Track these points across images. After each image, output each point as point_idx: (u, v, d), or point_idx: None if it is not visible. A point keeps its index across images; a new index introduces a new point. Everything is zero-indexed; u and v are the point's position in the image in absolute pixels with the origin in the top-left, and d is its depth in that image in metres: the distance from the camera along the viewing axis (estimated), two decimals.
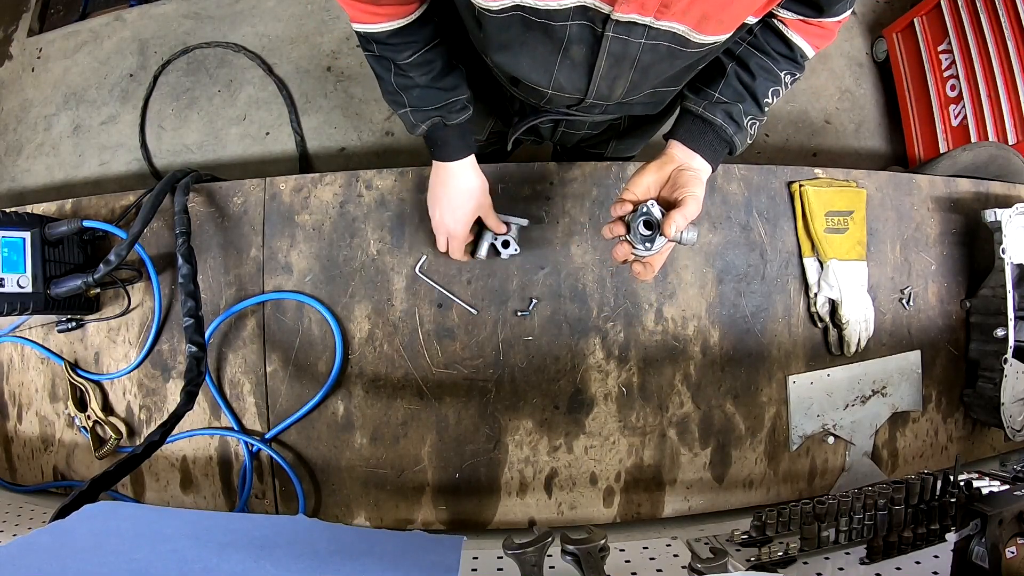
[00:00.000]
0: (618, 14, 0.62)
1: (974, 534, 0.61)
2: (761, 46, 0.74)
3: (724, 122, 0.75)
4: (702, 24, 0.64)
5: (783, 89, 0.77)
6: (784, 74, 0.76)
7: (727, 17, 0.65)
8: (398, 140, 2.11)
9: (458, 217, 0.84)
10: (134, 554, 0.49)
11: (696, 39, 0.65)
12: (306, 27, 2.17)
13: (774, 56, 0.75)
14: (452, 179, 0.83)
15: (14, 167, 2.20)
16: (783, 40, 0.74)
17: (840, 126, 2.22)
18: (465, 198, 0.83)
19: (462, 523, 0.93)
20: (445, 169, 0.82)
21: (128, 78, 2.20)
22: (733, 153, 0.78)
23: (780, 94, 0.77)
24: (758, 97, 0.75)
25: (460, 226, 0.84)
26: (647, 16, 0.62)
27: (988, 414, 0.99)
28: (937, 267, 1.04)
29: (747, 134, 0.77)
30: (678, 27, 0.64)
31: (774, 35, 0.74)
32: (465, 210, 0.84)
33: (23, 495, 0.98)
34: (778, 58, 0.75)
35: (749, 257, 0.96)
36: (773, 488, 0.97)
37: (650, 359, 0.94)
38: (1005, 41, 1.75)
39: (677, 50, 0.67)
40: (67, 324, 0.94)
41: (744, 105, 0.75)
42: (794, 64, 0.76)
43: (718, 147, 0.76)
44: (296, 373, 0.92)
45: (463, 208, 0.83)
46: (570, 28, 0.65)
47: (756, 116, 0.77)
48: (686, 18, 0.63)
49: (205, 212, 0.94)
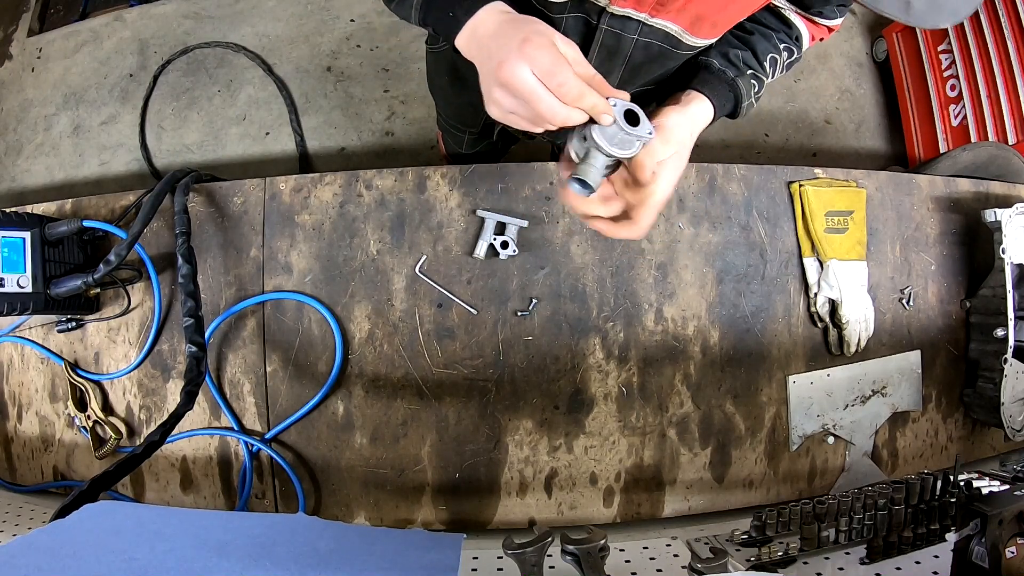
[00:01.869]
0: (614, 7, 0.62)
1: (974, 534, 0.61)
2: (756, 18, 0.73)
3: (722, 64, 0.69)
4: (695, 25, 0.64)
5: (781, 61, 0.74)
6: (782, 46, 0.73)
7: (721, 20, 0.65)
8: (398, 140, 2.11)
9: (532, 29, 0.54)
10: (134, 553, 0.49)
11: (688, 40, 0.66)
12: (306, 27, 2.17)
13: (771, 27, 0.74)
14: (497, 15, 0.58)
15: (14, 167, 2.20)
16: (779, 17, 0.74)
17: (840, 126, 2.22)
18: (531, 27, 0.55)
19: (462, 523, 0.93)
20: (491, 29, 0.57)
21: (128, 78, 2.20)
22: (739, 102, 0.70)
23: (777, 65, 0.74)
24: (756, 51, 0.72)
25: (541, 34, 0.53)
26: (642, 12, 0.62)
27: (988, 414, 0.99)
28: (937, 267, 1.04)
29: (749, 82, 0.71)
30: (671, 27, 0.64)
31: (771, 13, 0.74)
32: (533, 26, 0.55)
33: (23, 495, 0.98)
34: (775, 29, 0.74)
35: (749, 257, 0.96)
36: (773, 488, 0.97)
37: (650, 359, 0.94)
38: (1005, 41, 1.75)
39: (668, 51, 0.68)
40: (67, 324, 0.94)
41: (742, 53, 0.71)
42: (790, 39, 0.74)
43: (719, 87, 0.68)
44: (296, 373, 0.92)
45: (530, 23, 0.56)
46: (566, 20, 0.66)
47: (756, 70, 0.71)
48: (680, 18, 0.63)
49: (205, 212, 0.94)
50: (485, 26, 0.57)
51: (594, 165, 0.55)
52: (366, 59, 2.13)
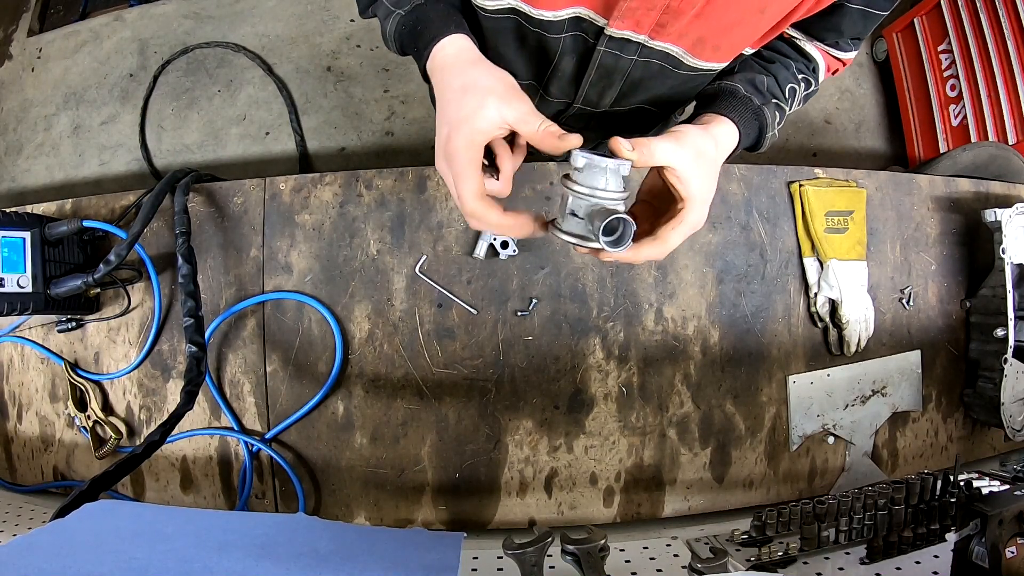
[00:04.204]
0: (612, 30, 0.60)
1: (974, 534, 0.61)
2: (774, 47, 0.71)
3: (747, 91, 0.64)
4: (697, 47, 0.62)
5: (799, 92, 0.71)
6: (800, 76, 0.70)
7: (724, 44, 0.63)
8: (398, 140, 2.11)
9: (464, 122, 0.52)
10: (134, 553, 0.49)
11: (689, 62, 0.64)
12: (306, 27, 2.18)
13: (788, 56, 0.71)
14: (449, 70, 0.56)
15: (14, 167, 2.20)
16: (796, 48, 0.71)
17: (840, 126, 2.22)
18: (473, 89, 0.53)
19: (462, 523, 0.93)
20: (438, 64, 0.57)
21: (128, 78, 2.20)
22: (763, 132, 0.67)
23: (796, 95, 0.71)
24: (778, 79, 0.68)
25: (464, 141, 0.51)
26: (642, 34, 0.60)
27: (988, 414, 1.00)
28: (937, 267, 1.04)
29: (773, 112, 0.67)
30: (673, 48, 0.62)
31: (786, 43, 0.71)
32: (471, 109, 0.51)
33: (23, 495, 0.98)
34: (793, 59, 0.71)
35: (749, 257, 0.96)
36: (773, 488, 0.97)
37: (650, 359, 0.94)
38: (1005, 41, 1.76)
39: (669, 70, 0.66)
40: (67, 324, 0.94)
41: (767, 80, 0.67)
42: (808, 70, 0.72)
43: (745, 114, 0.64)
44: (296, 373, 0.92)
45: (469, 105, 0.52)
46: (564, 41, 0.65)
47: (779, 99, 0.68)
48: (682, 40, 0.61)
49: (205, 212, 0.94)
50: (438, 70, 0.58)
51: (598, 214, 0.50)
52: (366, 59, 2.13)
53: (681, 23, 0.59)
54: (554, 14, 0.61)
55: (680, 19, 0.58)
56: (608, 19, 0.60)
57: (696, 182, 0.55)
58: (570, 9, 0.60)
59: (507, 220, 0.54)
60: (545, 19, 0.62)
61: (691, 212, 0.55)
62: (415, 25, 0.59)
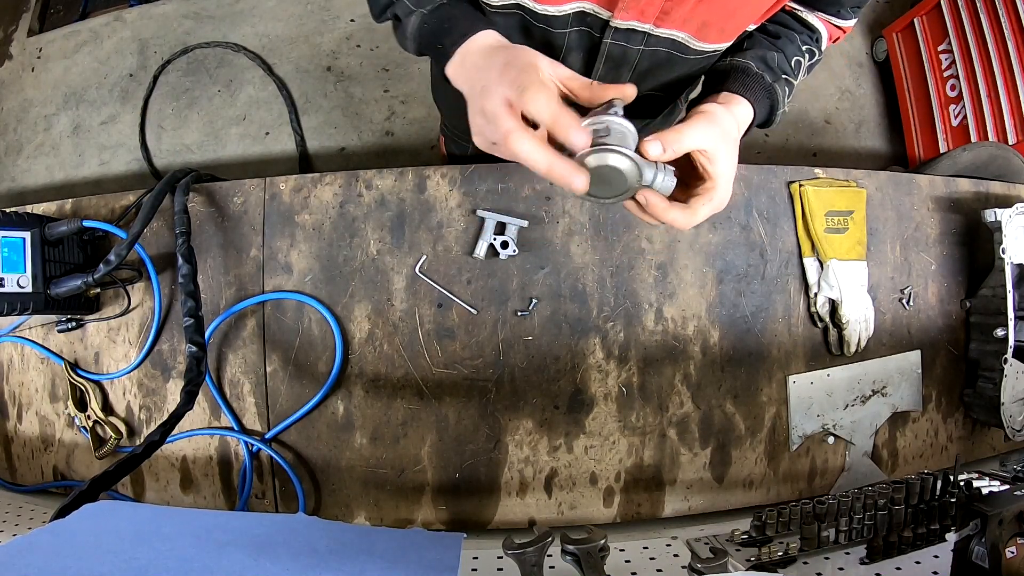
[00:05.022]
0: (617, 21, 0.61)
1: (974, 534, 0.61)
2: (777, 19, 0.71)
3: (759, 68, 0.65)
4: (702, 31, 0.63)
5: (804, 64, 0.72)
6: (804, 48, 0.71)
7: (729, 25, 0.64)
8: (398, 140, 2.11)
9: (519, 66, 0.52)
10: (134, 553, 0.49)
11: (696, 46, 0.65)
12: (306, 27, 2.18)
13: (792, 28, 0.72)
14: (488, 55, 0.57)
15: (14, 167, 2.20)
16: (798, 19, 0.72)
17: (840, 126, 2.22)
18: (513, 53, 0.55)
19: (462, 523, 0.93)
20: (473, 55, 0.57)
21: (128, 78, 2.20)
22: (774, 108, 0.68)
23: (802, 67, 0.72)
24: (786, 54, 0.69)
25: (527, 75, 0.51)
26: (646, 23, 0.61)
27: (988, 414, 1.00)
28: (937, 267, 1.04)
29: (783, 87, 0.68)
30: (678, 34, 0.63)
31: (789, 15, 0.72)
32: (522, 60, 0.53)
33: (23, 495, 0.98)
34: (797, 31, 0.72)
35: (749, 257, 0.96)
36: (773, 488, 0.97)
37: (650, 359, 0.94)
38: (1005, 41, 1.76)
39: (677, 56, 0.66)
40: (67, 324, 0.94)
41: (777, 56, 0.68)
42: (811, 41, 0.72)
43: (758, 92, 0.65)
44: (296, 373, 0.92)
45: (519, 57, 0.54)
46: (569, 36, 0.65)
47: (788, 74, 0.69)
48: (687, 26, 0.62)
49: (205, 212, 0.94)
50: (472, 57, 0.57)
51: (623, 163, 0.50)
52: (366, 59, 2.13)
53: (685, 8, 0.59)
54: (558, 8, 0.61)
55: (684, 5, 0.59)
56: (612, 11, 0.60)
57: (723, 162, 0.56)
58: (574, 4, 0.61)
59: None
60: (549, 14, 0.62)
61: (719, 190, 0.56)
62: (442, 23, 0.60)
